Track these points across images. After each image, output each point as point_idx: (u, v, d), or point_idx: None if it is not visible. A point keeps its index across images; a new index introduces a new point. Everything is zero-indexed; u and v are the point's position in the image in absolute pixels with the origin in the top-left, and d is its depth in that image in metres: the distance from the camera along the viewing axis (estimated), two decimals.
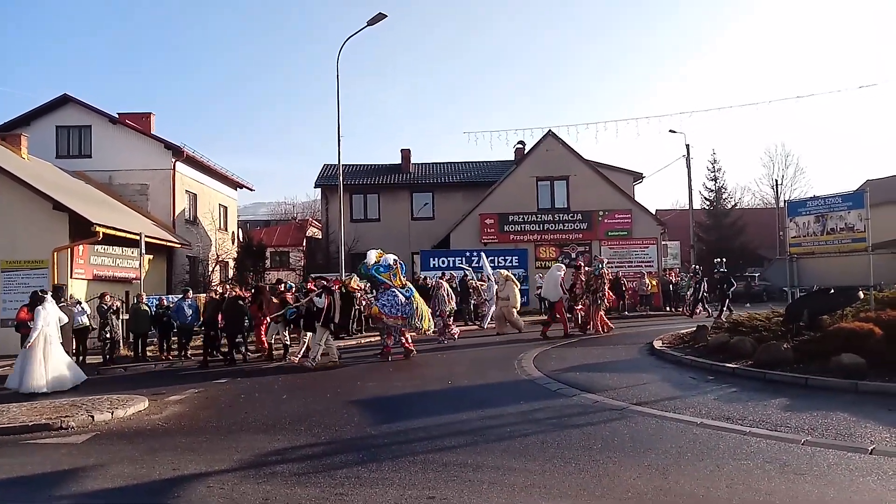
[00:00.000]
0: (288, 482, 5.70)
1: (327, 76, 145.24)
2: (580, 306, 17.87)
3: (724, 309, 20.74)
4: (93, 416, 8.71)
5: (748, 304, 25.60)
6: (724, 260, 23.85)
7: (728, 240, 43.04)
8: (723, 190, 47.30)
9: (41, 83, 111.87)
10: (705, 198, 46.90)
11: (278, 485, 5.63)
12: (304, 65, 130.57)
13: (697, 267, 25.39)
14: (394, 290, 14.21)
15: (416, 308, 14.28)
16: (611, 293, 18.42)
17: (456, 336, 16.94)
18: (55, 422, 8.46)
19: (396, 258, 14.89)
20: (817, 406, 7.65)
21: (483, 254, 23.00)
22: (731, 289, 21.45)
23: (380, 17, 19.74)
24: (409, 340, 14.36)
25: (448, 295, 17.09)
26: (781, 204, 41.35)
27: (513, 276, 19.36)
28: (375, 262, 14.34)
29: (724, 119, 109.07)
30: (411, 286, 15.18)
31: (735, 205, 48.55)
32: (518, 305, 18.96)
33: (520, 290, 20.11)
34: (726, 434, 6.63)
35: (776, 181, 48.88)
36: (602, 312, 17.57)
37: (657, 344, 13.38)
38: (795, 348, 10.12)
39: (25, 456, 7.21)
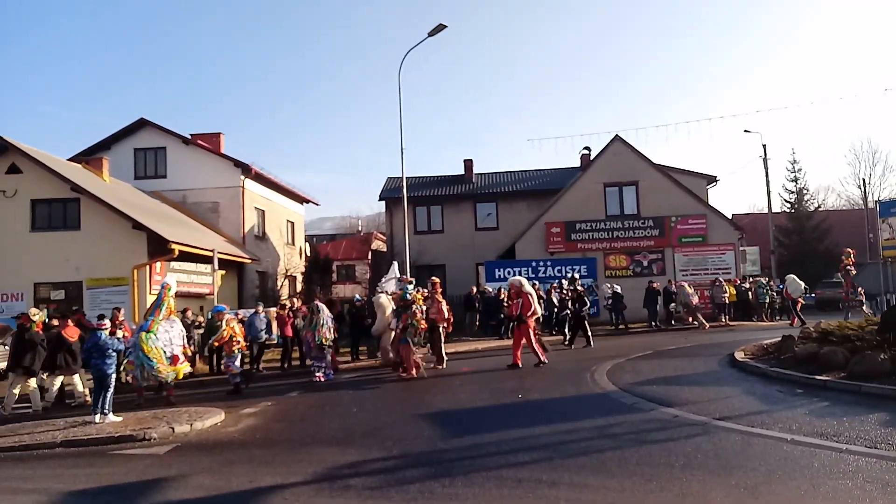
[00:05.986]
0: (361, 496, 5.69)
1: (390, 89, 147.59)
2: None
3: (582, 335, 17.70)
4: (173, 428, 9.00)
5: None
6: (577, 277, 20.50)
7: (811, 243, 41.00)
8: (805, 191, 45.21)
9: (117, 108, 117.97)
10: (785, 200, 45.00)
11: (352, 499, 5.64)
12: (366, 79, 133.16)
13: (566, 283, 21.04)
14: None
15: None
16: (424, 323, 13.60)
17: (322, 378, 13.44)
18: (139, 433, 8.80)
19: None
20: None
21: (395, 262, 18.58)
22: (584, 309, 18.12)
23: (440, 27, 19.87)
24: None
25: (325, 322, 13.87)
26: (870, 204, 39.16)
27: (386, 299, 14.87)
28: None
29: (804, 116, 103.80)
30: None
31: (819, 206, 46.19)
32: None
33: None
34: (820, 451, 6.20)
35: (863, 180, 46.14)
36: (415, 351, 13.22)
37: (738, 355, 12.76)
38: (893, 359, 9.44)
39: (112, 466, 7.53)
